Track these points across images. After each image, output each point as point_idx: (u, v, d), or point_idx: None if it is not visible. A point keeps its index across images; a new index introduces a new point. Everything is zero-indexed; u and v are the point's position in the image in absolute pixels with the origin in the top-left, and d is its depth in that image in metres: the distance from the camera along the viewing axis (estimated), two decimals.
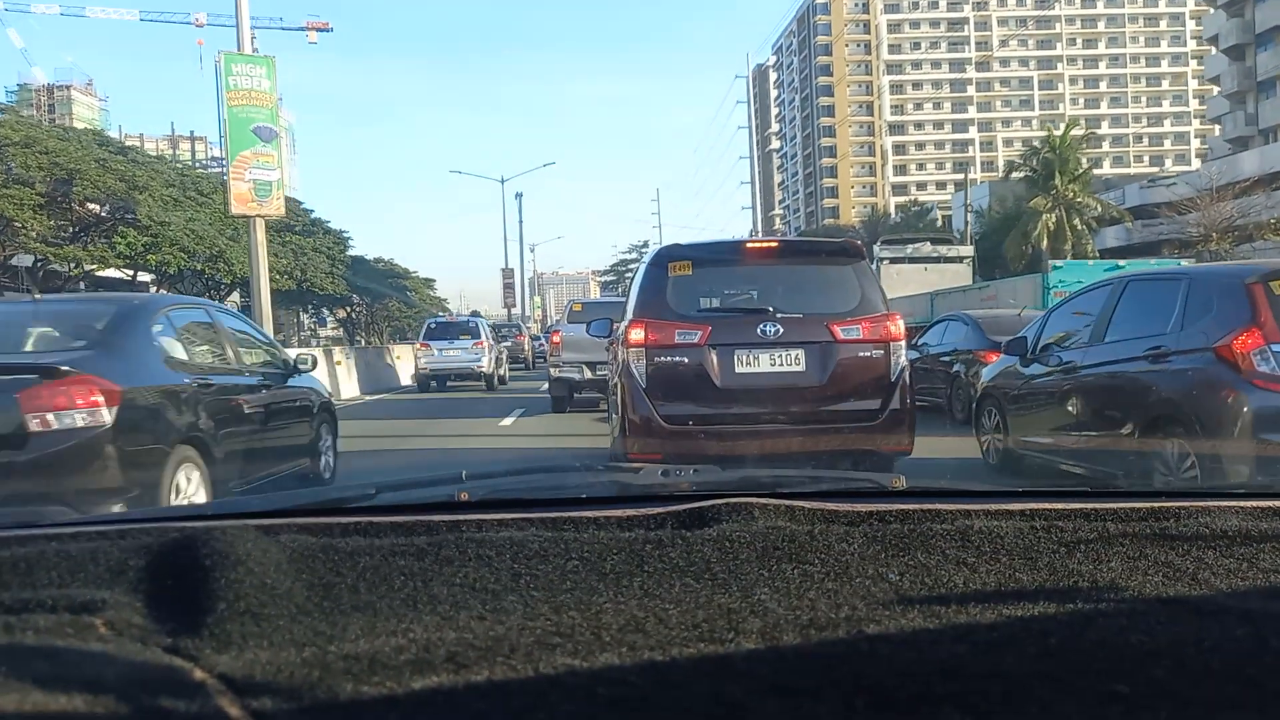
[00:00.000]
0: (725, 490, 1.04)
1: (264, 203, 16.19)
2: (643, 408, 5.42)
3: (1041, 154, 36.93)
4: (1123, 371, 5.69)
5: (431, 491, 1.24)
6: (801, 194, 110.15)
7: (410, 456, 9.14)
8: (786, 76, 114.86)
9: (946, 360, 11.78)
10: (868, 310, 5.58)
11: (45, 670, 0.62)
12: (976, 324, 11.54)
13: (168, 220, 23.73)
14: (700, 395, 5.44)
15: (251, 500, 1.26)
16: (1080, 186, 36.75)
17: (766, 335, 5.42)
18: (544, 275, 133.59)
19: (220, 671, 0.65)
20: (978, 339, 11.10)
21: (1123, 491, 1.20)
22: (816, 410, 5.45)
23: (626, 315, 5.91)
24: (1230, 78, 47.90)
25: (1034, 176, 37.30)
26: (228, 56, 15.31)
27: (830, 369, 5.46)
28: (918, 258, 20.81)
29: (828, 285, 5.79)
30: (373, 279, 45.60)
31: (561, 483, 1.46)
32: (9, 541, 0.84)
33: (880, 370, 5.52)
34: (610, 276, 78.04)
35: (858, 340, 5.48)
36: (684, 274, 5.66)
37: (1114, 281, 6.30)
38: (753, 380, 5.44)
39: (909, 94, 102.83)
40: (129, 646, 0.67)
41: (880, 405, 5.48)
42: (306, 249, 33.57)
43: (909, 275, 20.22)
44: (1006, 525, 0.88)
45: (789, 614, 0.73)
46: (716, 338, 5.43)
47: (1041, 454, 6.66)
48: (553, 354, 13.23)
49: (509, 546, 0.83)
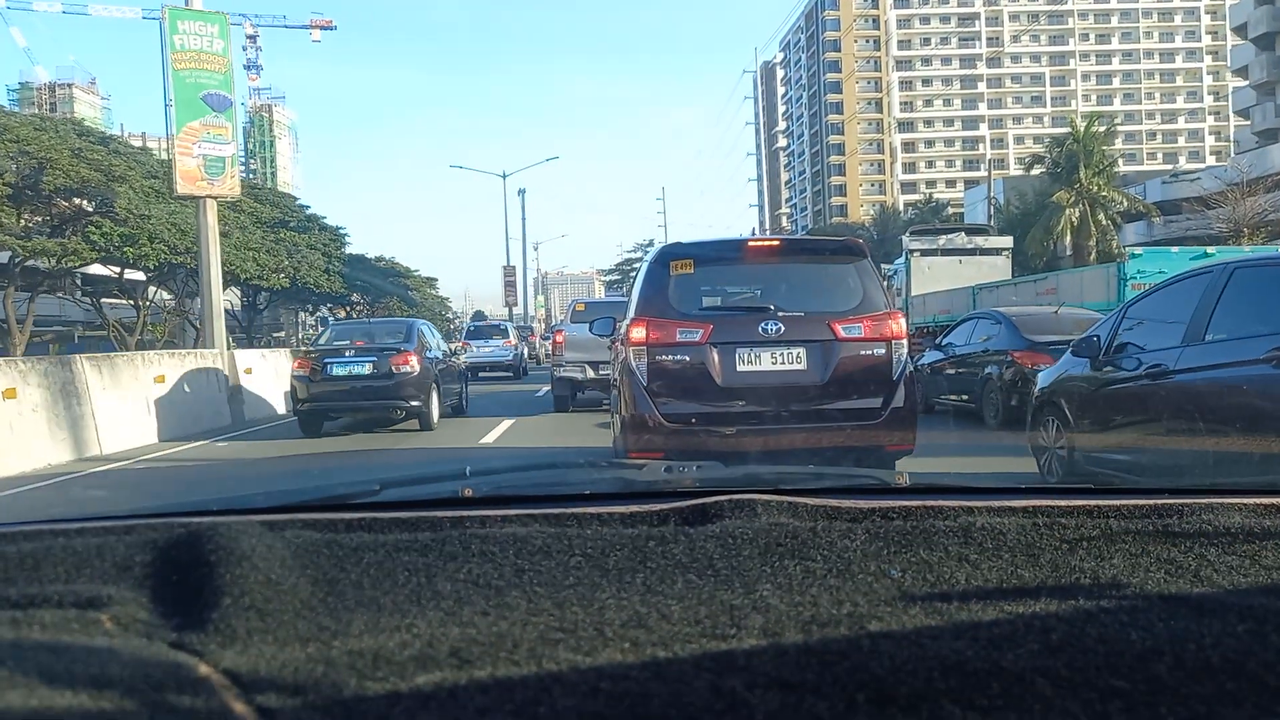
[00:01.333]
0: (728, 487, 1.04)
1: (215, 181, 13.93)
2: (644, 405, 5.39)
3: (1066, 146, 35.51)
4: (1233, 376, 4.88)
5: (435, 488, 1.24)
6: (809, 192, 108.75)
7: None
8: (794, 74, 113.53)
9: (976, 361, 10.76)
10: (869, 309, 5.51)
11: (51, 665, 0.63)
12: (1010, 322, 10.51)
13: (148, 213, 22.62)
14: (702, 393, 5.40)
15: (256, 496, 1.21)
16: (1105, 180, 35.42)
17: (768, 333, 5.37)
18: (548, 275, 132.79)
19: (225, 667, 0.65)
20: (1012, 338, 10.10)
21: (1125, 489, 1.16)
22: (818, 409, 5.40)
23: (629, 314, 5.89)
24: (1259, 68, 46.56)
25: (1058, 170, 35.87)
26: (172, 11, 13.34)
27: (832, 367, 5.41)
28: (951, 250, 19.09)
29: (830, 284, 5.73)
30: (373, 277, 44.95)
31: (565, 479, 1.45)
32: (15, 537, 0.84)
33: (882, 369, 5.45)
34: (615, 276, 77.26)
35: (859, 339, 5.43)
36: (686, 272, 5.62)
37: (1213, 270, 5.24)
38: (754, 379, 5.39)
39: (918, 91, 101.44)
40: (134, 642, 0.68)
41: (882, 404, 5.42)
42: (301, 245, 32.45)
43: (941, 269, 18.68)
44: (1009, 522, 0.89)
45: (791, 610, 0.73)
46: (718, 336, 5.38)
47: (1118, 472, 5.75)
48: (556, 354, 13.24)
49: (512, 542, 0.84)
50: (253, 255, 28.76)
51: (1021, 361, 9.66)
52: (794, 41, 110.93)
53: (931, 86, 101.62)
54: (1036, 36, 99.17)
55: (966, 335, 11.32)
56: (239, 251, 28.05)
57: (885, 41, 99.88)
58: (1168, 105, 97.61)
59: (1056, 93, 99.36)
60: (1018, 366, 9.70)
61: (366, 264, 46.13)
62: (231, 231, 28.74)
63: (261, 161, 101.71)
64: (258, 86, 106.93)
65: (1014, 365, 9.79)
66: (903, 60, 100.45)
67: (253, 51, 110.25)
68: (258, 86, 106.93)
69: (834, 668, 0.67)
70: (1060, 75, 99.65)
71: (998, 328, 10.61)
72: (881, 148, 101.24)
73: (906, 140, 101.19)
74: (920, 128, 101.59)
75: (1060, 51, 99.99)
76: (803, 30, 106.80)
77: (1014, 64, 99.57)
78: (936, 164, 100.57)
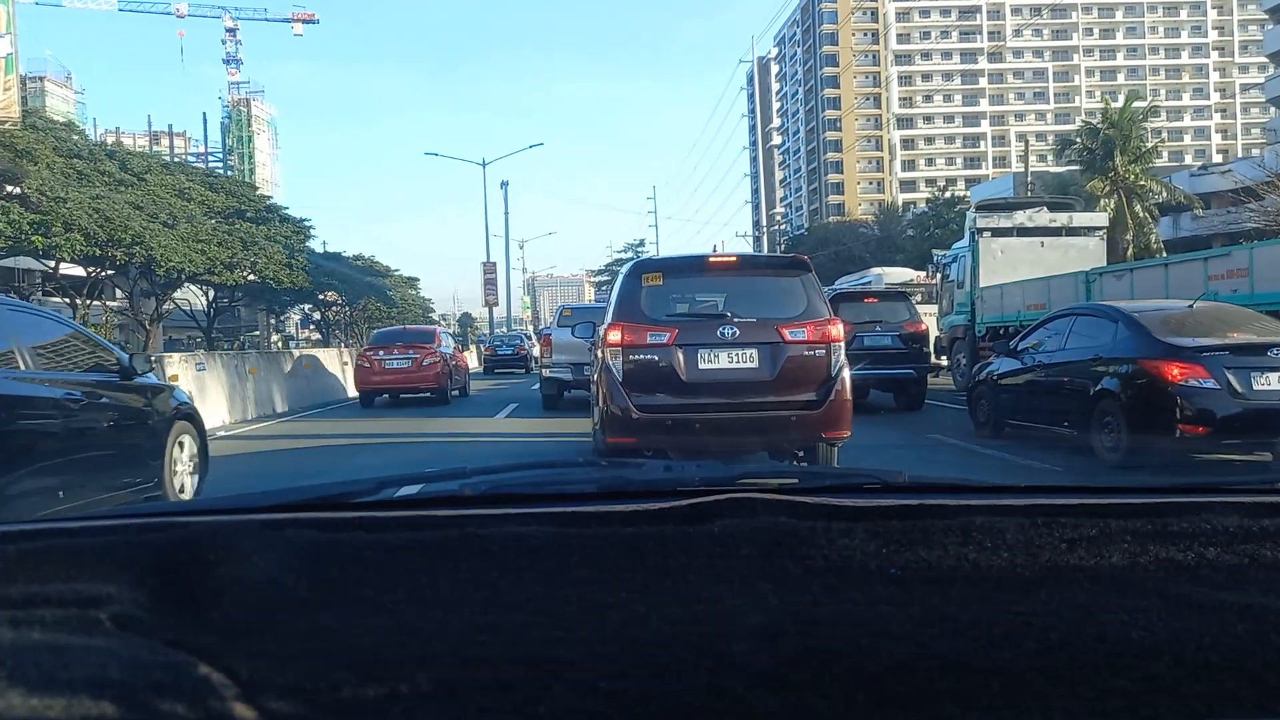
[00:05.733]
0: (727, 486, 1.04)
1: None
2: (620, 399, 6.14)
3: (1101, 130, 32.30)
4: None
5: (435, 487, 1.24)
6: (805, 190, 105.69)
7: None
8: (789, 69, 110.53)
9: (1080, 373, 8.01)
10: (812, 316, 6.28)
11: (51, 665, 0.63)
12: (1134, 320, 7.73)
13: (65, 196, 19.34)
14: (669, 388, 6.18)
15: (256, 496, 1.13)
16: (1141, 168, 32.28)
17: (725, 337, 6.18)
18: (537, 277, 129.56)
19: (224, 666, 0.65)
20: (1140, 343, 7.45)
21: (1124, 488, 1.14)
22: (768, 400, 6.16)
23: (606, 319, 6.64)
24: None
25: (1091, 155, 32.59)
26: None
27: (779, 365, 6.19)
28: (1031, 229, 15.27)
29: (778, 294, 6.43)
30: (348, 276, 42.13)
31: (564, 478, 1.44)
32: (15, 537, 0.84)
33: (822, 367, 6.22)
34: (604, 276, 74.29)
35: (803, 341, 6.21)
36: (656, 284, 6.44)
37: None
38: (713, 375, 6.18)
39: (918, 85, 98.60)
40: (134, 641, 0.68)
41: (821, 396, 6.17)
42: (258, 237, 29.14)
43: (1017, 253, 15.01)
44: (1008, 521, 0.88)
45: (789, 609, 0.74)
46: (683, 338, 6.19)
47: None
48: (544, 356, 14.00)
49: (512, 542, 0.83)
50: (201, 248, 25.50)
51: (1157, 372, 7.08)
52: (789, 35, 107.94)
53: (931, 81, 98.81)
54: (1039, 31, 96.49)
55: (1059, 338, 8.56)
56: (185, 244, 24.76)
57: (884, 35, 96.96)
58: (1173, 103, 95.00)
59: (1060, 89, 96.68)
60: (1152, 379, 7.13)
61: (342, 261, 43.19)
62: (178, 222, 25.54)
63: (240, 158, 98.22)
64: (237, 81, 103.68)
65: (1146, 378, 7.20)
66: (902, 54, 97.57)
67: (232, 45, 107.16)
68: (237, 81, 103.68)
69: (833, 667, 0.67)
70: (1064, 71, 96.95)
71: (1113, 328, 7.85)
72: (880, 144, 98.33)
73: (905, 137, 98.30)
74: (920, 124, 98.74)
75: (1064, 46, 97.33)
76: (798, 24, 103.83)
77: (1016, 59, 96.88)
78: (937, 161, 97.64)
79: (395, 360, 15.16)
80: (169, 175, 28.47)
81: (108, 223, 20.08)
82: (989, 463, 7.78)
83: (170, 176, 28.42)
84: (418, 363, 15.08)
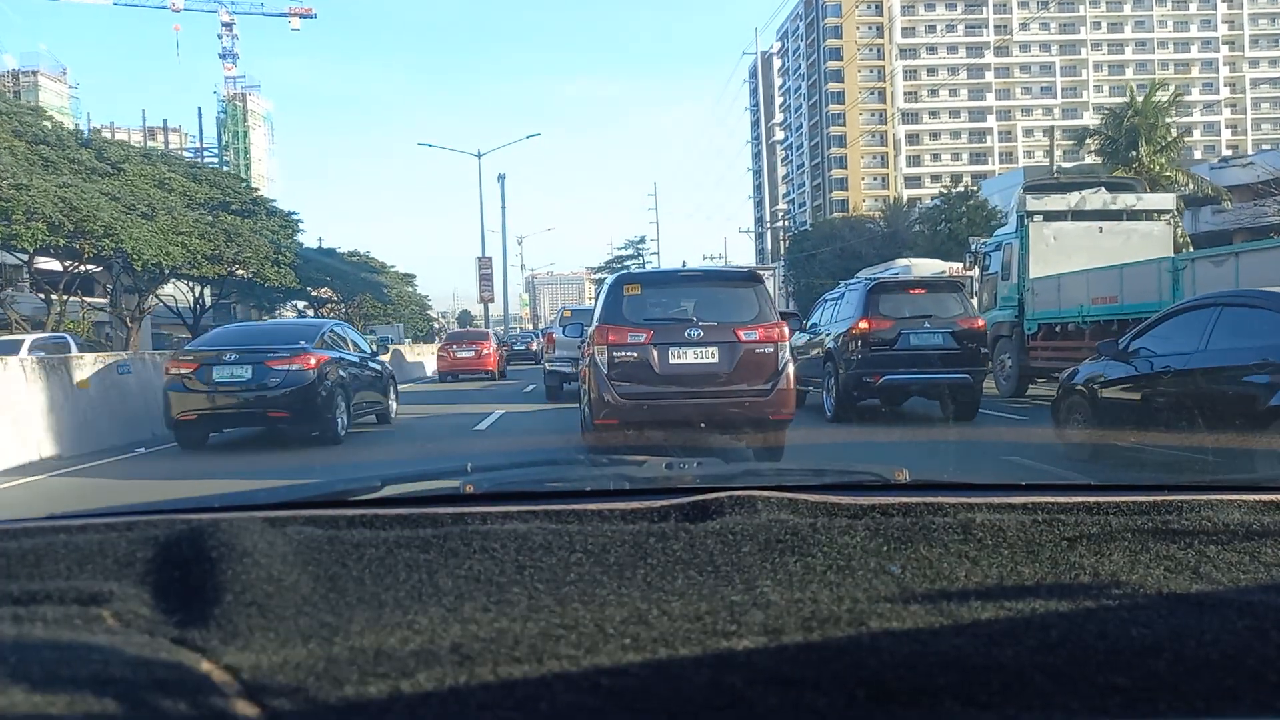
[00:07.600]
0: (728, 483, 1.05)
1: None
2: (605, 388, 7.30)
3: (1125, 118, 30.74)
4: None
5: (436, 484, 1.24)
6: (808, 185, 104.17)
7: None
8: (792, 63, 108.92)
9: (1235, 383, 6.30)
10: (763, 320, 7.51)
11: (53, 662, 0.64)
12: None
13: (28, 184, 17.95)
14: (646, 379, 7.35)
15: (258, 492, 1.17)
16: (1167, 159, 30.73)
17: (691, 337, 7.38)
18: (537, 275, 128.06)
19: (226, 663, 0.66)
20: None
21: (1125, 485, 1.15)
22: (726, 389, 7.35)
23: (593, 322, 7.86)
24: None
25: (1113, 146, 31.01)
26: None
27: (735, 360, 7.38)
28: (1088, 213, 13.26)
29: (735, 302, 7.66)
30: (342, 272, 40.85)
31: (565, 475, 1.44)
32: (17, 533, 0.84)
33: (770, 362, 7.41)
34: (605, 274, 72.73)
35: (755, 341, 7.40)
36: (635, 293, 7.68)
37: None
38: (682, 369, 7.36)
39: (923, 80, 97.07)
40: (136, 638, 0.68)
41: (770, 386, 7.36)
42: (243, 230, 27.75)
43: (1073, 240, 13.06)
44: (1009, 519, 0.89)
45: (791, 606, 0.74)
46: (657, 338, 7.38)
47: None
48: (547, 351, 15.75)
49: (513, 539, 0.84)
50: (181, 240, 24.10)
51: None
52: (792, 30, 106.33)
53: (937, 76, 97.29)
54: (1047, 25, 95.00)
55: (1194, 337, 6.73)
56: (163, 236, 23.35)
57: (888, 28, 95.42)
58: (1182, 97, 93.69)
59: (1067, 83, 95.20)
60: None
61: (336, 256, 41.87)
62: (157, 213, 24.13)
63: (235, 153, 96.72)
64: (233, 76, 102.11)
65: None
66: (907, 48, 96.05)
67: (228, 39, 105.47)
68: (233, 76, 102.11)
69: (834, 664, 0.67)
70: (1071, 65, 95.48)
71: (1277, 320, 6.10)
72: (884, 139, 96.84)
73: (910, 132, 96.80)
74: (925, 119, 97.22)
75: (1071, 40, 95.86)
76: (801, 17, 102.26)
77: (1023, 53, 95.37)
78: (942, 156, 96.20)
79: (464, 352, 23.53)
80: (148, 165, 27.06)
81: (74, 212, 18.71)
82: (997, 464, 7.51)
83: (150, 167, 27.01)
84: (479, 354, 23.36)
